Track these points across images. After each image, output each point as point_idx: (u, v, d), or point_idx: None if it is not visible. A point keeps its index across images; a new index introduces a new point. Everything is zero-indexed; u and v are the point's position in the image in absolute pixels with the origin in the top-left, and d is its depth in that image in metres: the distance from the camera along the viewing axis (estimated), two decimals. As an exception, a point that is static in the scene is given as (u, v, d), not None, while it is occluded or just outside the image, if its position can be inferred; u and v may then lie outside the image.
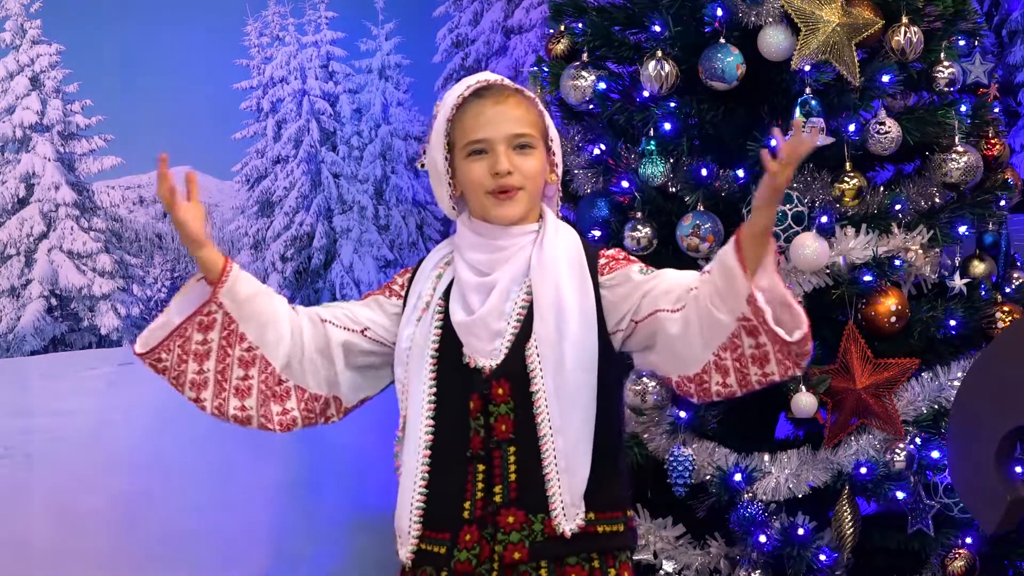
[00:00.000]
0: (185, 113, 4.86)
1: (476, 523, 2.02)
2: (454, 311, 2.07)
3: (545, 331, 2.02)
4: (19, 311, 5.30)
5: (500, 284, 2.05)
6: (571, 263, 2.07)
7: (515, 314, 2.04)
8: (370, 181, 5.86)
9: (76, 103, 5.17)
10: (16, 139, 5.18)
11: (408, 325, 2.10)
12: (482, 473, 2.03)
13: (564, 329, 2.02)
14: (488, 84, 2.09)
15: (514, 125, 2.06)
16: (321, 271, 6.32)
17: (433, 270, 2.15)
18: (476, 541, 2.01)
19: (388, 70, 5.72)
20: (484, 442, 2.03)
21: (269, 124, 5.68)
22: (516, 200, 2.06)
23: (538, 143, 2.09)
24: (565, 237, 2.11)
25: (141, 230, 5.53)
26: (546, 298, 2.03)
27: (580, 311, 2.04)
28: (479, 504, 2.02)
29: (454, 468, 2.04)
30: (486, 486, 2.02)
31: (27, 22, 5.00)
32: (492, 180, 2.05)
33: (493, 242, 2.09)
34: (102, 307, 5.40)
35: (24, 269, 5.35)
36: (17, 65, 5.14)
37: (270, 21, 5.30)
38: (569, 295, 2.04)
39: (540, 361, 2.01)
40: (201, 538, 4.23)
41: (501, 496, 2.01)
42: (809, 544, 2.95)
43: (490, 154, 2.06)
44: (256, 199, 5.89)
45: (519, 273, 2.06)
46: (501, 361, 2.03)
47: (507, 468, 2.01)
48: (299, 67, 5.61)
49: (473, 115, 2.07)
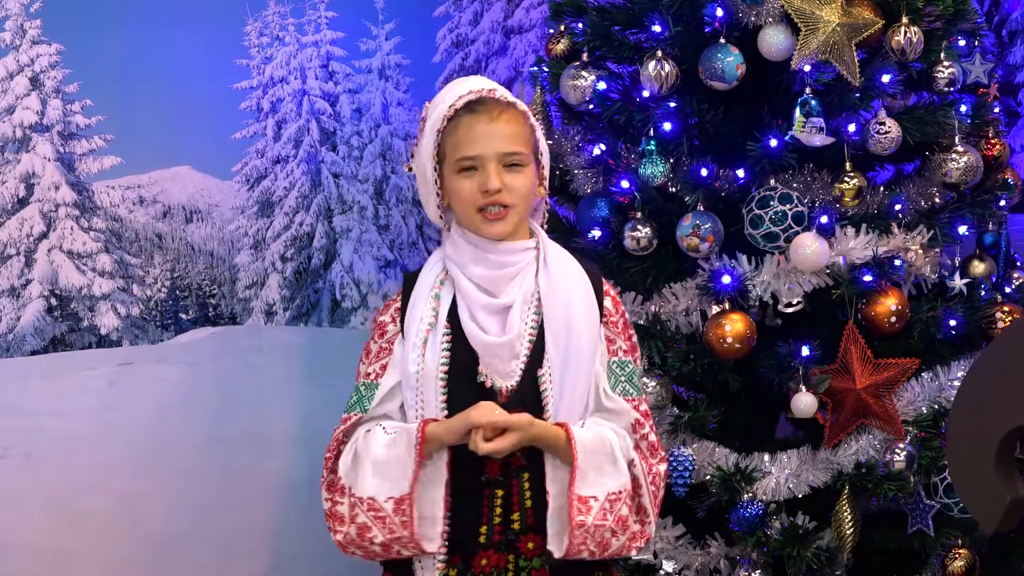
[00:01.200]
0: (185, 113, 4.87)
1: (492, 547, 2.04)
2: (471, 331, 2.06)
3: (556, 356, 2.05)
4: (19, 311, 5.30)
5: (516, 306, 2.07)
6: (581, 289, 2.11)
7: (527, 335, 2.07)
8: (370, 181, 5.86)
9: (76, 103, 5.17)
10: (16, 139, 5.18)
11: (414, 349, 2.08)
12: (501, 499, 2.04)
13: (572, 352, 2.06)
14: (481, 98, 2.07)
15: (506, 143, 2.06)
16: (321, 271, 6.32)
17: (430, 291, 2.13)
18: (493, 566, 2.03)
19: (388, 70, 5.72)
20: (503, 468, 2.04)
21: (269, 124, 5.68)
22: (506, 219, 2.07)
23: (529, 160, 2.09)
24: (565, 259, 2.14)
25: (141, 230, 5.53)
26: (558, 322, 2.06)
27: (588, 334, 2.08)
28: (497, 529, 2.04)
29: (470, 493, 2.05)
30: (504, 512, 2.04)
31: (27, 22, 5.00)
32: (482, 197, 2.05)
33: (495, 258, 2.09)
34: (102, 307, 5.40)
35: (24, 269, 5.35)
36: (17, 65, 5.14)
37: (270, 21, 5.30)
38: (579, 318, 2.08)
39: (552, 387, 2.05)
40: (201, 538, 4.23)
41: (519, 523, 2.03)
42: (809, 544, 2.95)
43: (480, 171, 2.05)
44: (256, 199, 5.89)
45: (529, 293, 2.08)
46: (517, 384, 2.05)
47: (523, 495, 2.04)
48: (299, 67, 5.61)
49: (465, 130, 2.06)
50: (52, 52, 5.35)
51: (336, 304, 9.13)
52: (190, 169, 6.75)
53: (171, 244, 5.67)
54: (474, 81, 2.14)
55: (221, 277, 8.52)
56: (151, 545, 4.20)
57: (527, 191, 2.09)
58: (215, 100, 5.10)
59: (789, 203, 2.95)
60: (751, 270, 3.02)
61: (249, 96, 5.43)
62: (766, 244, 2.98)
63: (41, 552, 4.12)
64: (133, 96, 4.82)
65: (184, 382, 5.11)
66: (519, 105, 2.11)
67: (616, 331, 2.13)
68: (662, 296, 3.11)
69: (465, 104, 2.06)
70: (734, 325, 2.94)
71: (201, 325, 8.48)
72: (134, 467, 4.48)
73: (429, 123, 2.09)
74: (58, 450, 4.48)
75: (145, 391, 4.93)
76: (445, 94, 2.10)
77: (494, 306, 2.07)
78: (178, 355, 5.71)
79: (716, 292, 2.97)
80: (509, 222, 2.07)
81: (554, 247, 2.14)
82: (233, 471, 4.55)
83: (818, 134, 2.95)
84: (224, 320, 8.54)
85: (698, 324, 3.06)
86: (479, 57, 7.73)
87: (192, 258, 7.38)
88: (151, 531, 4.25)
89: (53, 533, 4.19)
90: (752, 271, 3.01)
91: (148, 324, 6.59)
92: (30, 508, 4.23)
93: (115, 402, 4.91)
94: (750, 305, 3.00)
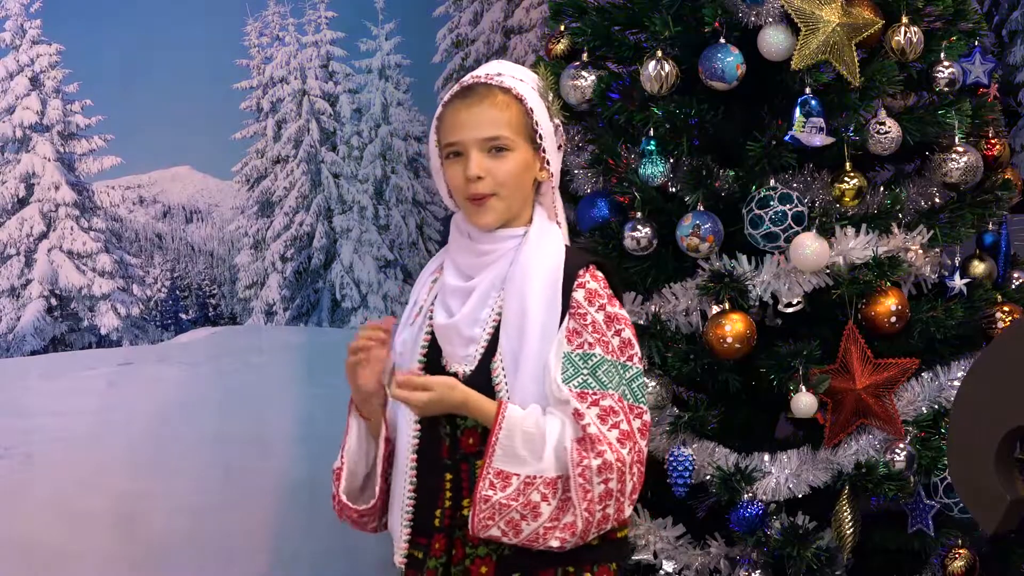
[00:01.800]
0: (185, 113, 4.87)
1: (444, 532, 2.02)
2: (436, 314, 2.07)
3: (509, 345, 2.00)
4: (19, 311, 5.30)
5: (479, 289, 2.04)
6: (545, 277, 2.03)
7: (491, 320, 2.04)
8: (370, 181, 5.87)
9: (76, 103, 5.18)
10: (16, 139, 5.18)
11: (404, 330, 2.11)
12: (450, 483, 2.03)
13: (524, 343, 1.99)
14: (471, 84, 2.08)
15: (487, 128, 2.04)
16: (321, 271, 6.32)
17: (430, 276, 2.14)
18: (443, 550, 2.02)
19: (388, 70, 5.72)
20: (451, 452, 2.03)
21: (269, 124, 5.69)
22: (489, 207, 2.04)
23: (516, 143, 2.06)
24: (547, 246, 2.07)
25: (141, 230, 5.53)
26: (512, 311, 2.01)
27: (542, 327, 2.00)
28: (447, 513, 2.03)
29: (433, 474, 2.05)
30: (454, 496, 2.03)
31: (27, 22, 5.00)
32: (467, 185, 2.05)
33: (478, 245, 2.08)
34: (102, 307, 5.40)
35: (24, 269, 5.35)
36: (17, 65, 5.15)
37: (270, 21, 5.30)
38: (535, 309, 2.00)
39: (505, 375, 2.01)
40: (201, 538, 4.22)
41: (468, 508, 1.99)
42: (809, 544, 2.95)
43: (464, 157, 2.05)
44: (256, 199, 5.89)
45: (498, 279, 2.04)
46: (473, 370, 2.03)
47: (473, 480, 2.00)
48: (299, 67, 5.61)
49: (451, 117, 2.07)
50: (52, 52, 5.34)
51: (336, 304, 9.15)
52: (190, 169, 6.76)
53: (171, 244, 5.66)
54: (483, 67, 2.15)
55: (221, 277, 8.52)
56: (151, 545, 4.20)
57: (513, 176, 2.05)
58: (215, 100, 5.10)
59: (789, 203, 2.95)
60: (751, 270, 3.02)
61: (249, 96, 5.41)
62: (766, 244, 2.98)
63: (41, 552, 4.12)
64: (133, 96, 4.81)
65: (184, 382, 5.10)
66: (515, 89, 2.08)
67: (583, 323, 2.00)
68: (662, 296, 3.11)
69: (456, 92, 2.08)
70: (734, 325, 2.94)
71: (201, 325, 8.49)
72: (134, 467, 4.47)
73: (436, 114, 2.12)
74: (58, 450, 4.47)
75: (145, 391, 4.92)
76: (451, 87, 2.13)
77: (460, 289, 2.06)
78: (178, 355, 5.70)
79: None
80: (494, 210, 2.05)
81: (539, 234, 2.08)
82: (233, 471, 4.54)
83: (818, 134, 2.95)
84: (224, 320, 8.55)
85: (698, 324, 3.06)
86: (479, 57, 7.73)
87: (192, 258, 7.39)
88: (151, 531, 4.24)
89: (53, 533, 4.18)
90: (752, 271, 3.02)
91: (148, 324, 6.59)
92: (30, 508, 4.22)
93: (115, 402, 4.90)
94: (750, 305, 3.00)
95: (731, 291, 2.96)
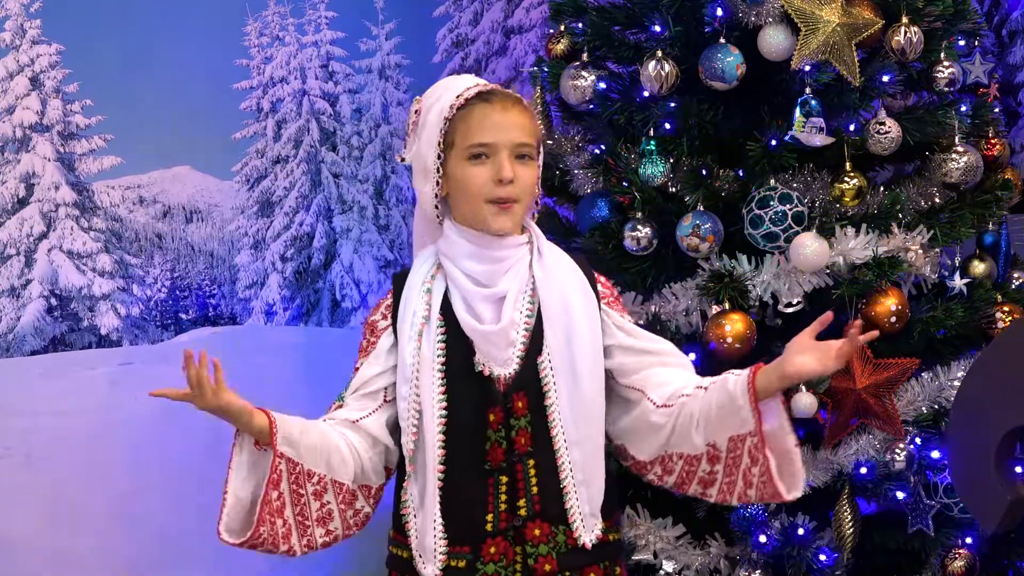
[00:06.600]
0: (185, 113, 4.87)
1: (500, 535, 2.04)
2: (465, 320, 2.07)
3: (556, 341, 2.06)
4: (19, 311, 5.30)
5: (510, 295, 2.07)
6: (574, 274, 2.13)
7: (523, 323, 2.07)
8: (370, 181, 5.86)
9: (76, 103, 5.18)
10: (16, 139, 5.18)
11: (410, 342, 2.09)
12: (505, 485, 2.05)
13: (573, 337, 2.06)
14: (493, 89, 2.10)
15: (520, 134, 2.07)
16: (321, 271, 6.32)
17: (422, 286, 2.13)
18: (502, 553, 2.04)
19: (388, 70, 5.72)
20: (507, 455, 2.05)
21: (269, 124, 5.68)
22: (512, 212, 2.08)
23: (534, 154, 2.11)
24: (558, 250, 2.16)
25: (141, 230, 5.53)
26: (555, 307, 2.07)
27: (587, 318, 2.08)
28: (503, 516, 2.05)
29: (472, 480, 2.05)
30: (509, 498, 2.05)
31: (27, 22, 5.00)
32: (492, 188, 2.05)
33: (490, 252, 2.09)
34: (102, 307, 5.39)
35: (24, 269, 5.35)
36: (17, 65, 5.15)
37: (270, 21, 5.30)
38: (576, 303, 2.08)
39: (553, 373, 2.05)
40: (201, 538, 4.23)
41: (526, 509, 2.04)
42: (809, 544, 2.95)
43: (492, 159, 2.06)
44: (256, 199, 5.88)
45: (523, 283, 2.09)
46: (516, 372, 2.05)
47: (529, 481, 2.05)
48: (299, 67, 5.61)
49: (479, 118, 2.06)
50: (52, 52, 5.34)
51: (336, 304, 9.12)
52: (190, 169, 6.75)
53: (171, 244, 5.66)
54: (472, 78, 2.16)
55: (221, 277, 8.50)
56: (151, 545, 4.20)
57: (532, 185, 2.10)
58: (215, 100, 5.10)
59: (789, 203, 2.95)
60: (751, 270, 3.02)
61: (249, 96, 5.43)
62: (766, 244, 2.98)
63: (41, 551, 4.12)
64: (133, 96, 4.82)
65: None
66: (525, 102, 2.13)
67: (619, 308, 2.18)
68: (662, 296, 3.11)
69: (477, 93, 2.07)
70: (734, 325, 2.94)
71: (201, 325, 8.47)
72: (134, 467, 4.48)
73: (434, 111, 2.09)
74: (58, 450, 4.48)
75: (145, 391, 4.93)
76: (446, 86, 2.10)
77: (489, 296, 2.07)
78: (178, 355, 5.71)
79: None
80: (515, 215, 2.08)
81: (543, 240, 2.16)
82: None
83: (818, 134, 2.95)
84: (224, 320, 8.53)
85: (698, 324, 3.06)
86: (479, 57, 7.73)
87: (192, 258, 7.37)
88: (151, 531, 4.25)
89: (53, 533, 4.19)
90: (752, 271, 3.02)
91: (148, 324, 6.58)
92: (30, 508, 4.23)
93: (115, 402, 4.91)
94: (750, 305, 3.00)
95: (731, 291, 2.96)
